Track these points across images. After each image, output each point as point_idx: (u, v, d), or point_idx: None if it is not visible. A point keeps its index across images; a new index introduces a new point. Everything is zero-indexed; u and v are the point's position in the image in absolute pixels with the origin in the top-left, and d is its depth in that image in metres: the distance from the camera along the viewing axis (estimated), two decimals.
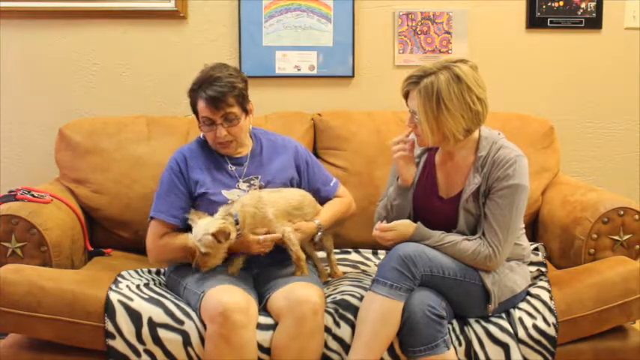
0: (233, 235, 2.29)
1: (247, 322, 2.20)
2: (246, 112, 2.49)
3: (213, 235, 2.24)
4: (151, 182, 2.81)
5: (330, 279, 2.57)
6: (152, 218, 2.49)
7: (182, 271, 2.43)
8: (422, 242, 2.30)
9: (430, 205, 2.41)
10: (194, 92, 2.46)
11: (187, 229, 2.37)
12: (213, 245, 2.26)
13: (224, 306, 2.17)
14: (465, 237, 2.31)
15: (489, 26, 3.27)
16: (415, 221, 2.42)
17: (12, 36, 3.16)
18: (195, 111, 2.49)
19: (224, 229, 2.25)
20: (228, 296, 2.21)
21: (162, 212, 2.47)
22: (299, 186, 2.57)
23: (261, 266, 2.47)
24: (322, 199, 2.59)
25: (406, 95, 2.33)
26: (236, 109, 2.44)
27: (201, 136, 2.56)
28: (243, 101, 2.46)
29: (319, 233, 2.47)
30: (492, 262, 2.28)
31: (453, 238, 2.30)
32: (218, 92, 2.39)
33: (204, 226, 2.26)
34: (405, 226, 2.33)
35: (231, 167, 2.51)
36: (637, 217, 2.55)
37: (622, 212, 2.55)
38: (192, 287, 2.33)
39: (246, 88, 2.49)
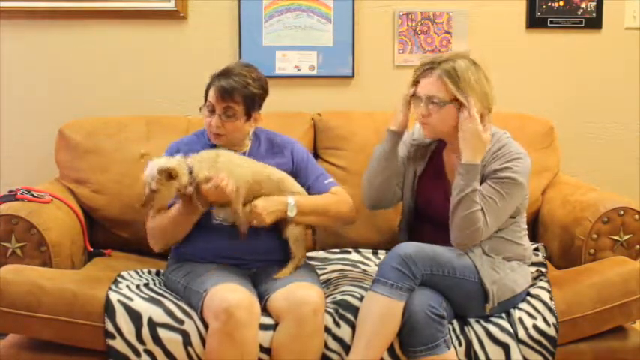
0: (184, 179, 2.28)
1: (251, 320, 2.20)
2: (249, 116, 2.47)
3: (159, 171, 2.24)
4: None
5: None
6: None
7: (181, 271, 2.43)
8: (464, 177, 2.27)
9: (435, 199, 2.43)
10: (213, 78, 2.49)
11: None
12: (161, 183, 2.26)
13: (228, 303, 2.17)
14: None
15: (489, 26, 3.27)
16: (419, 215, 2.43)
17: (12, 36, 3.16)
18: (205, 96, 2.51)
19: (172, 168, 2.25)
20: (232, 294, 2.21)
21: None
22: None
23: (260, 266, 2.48)
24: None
25: (417, 82, 2.36)
26: (239, 108, 2.43)
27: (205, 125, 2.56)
28: (250, 104, 2.45)
29: (291, 203, 2.39)
30: (474, 241, 2.29)
31: (478, 199, 2.27)
32: (230, 85, 2.42)
33: (157, 163, 2.28)
34: (480, 155, 2.29)
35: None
36: (637, 217, 2.55)
37: (622, 212, 2.55)
38: (194, 286, 2.33)
39: (261, 97, 2.50)
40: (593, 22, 3.29)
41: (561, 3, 3.26)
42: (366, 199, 2.52)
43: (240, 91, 2.42)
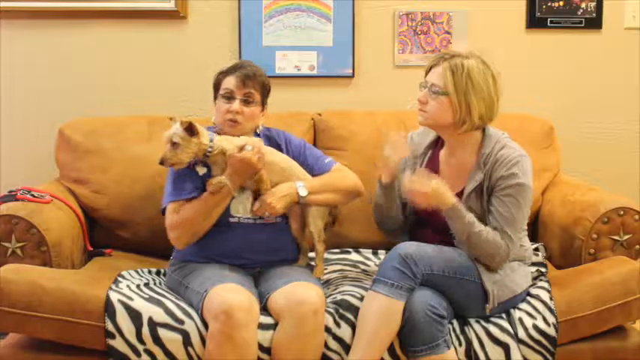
0: (204, 139, 2.35)
1: (250, 321, 2.20)
2: (263, 105, 2.56)
3: (182, 122, 2.32)
4: (151, 182, 2.82)
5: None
6: (165, 208, 2.47)
7: (183, 271, 2.44)
8: (455, 220, 2.28)
9: None
10: (224, 73, 2.55)
11: None
12: (183, 137, 2.32)
13: (228, 304, 2.17)
14: (486, 227, 2.29)
15: (489, 26, 3.27)
16: (418, 219, 2.43)
17: (12, 36, 3.16)
18: (216, 89, 2.56)
19: (195, 124, 2.34)
20: (231, 295, 2.21)
21: (174, 195, 2.45)
22: None
23: (264, 265, 2.48)
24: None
25: (428, 70, 2.38)
26: (257, 95, 2.52)
27: (212, 120, 2.58)
28: (264, 93, 2.56)
29: (300, 187, 2.43)
30: (503, 260, 2.30)
31: (479, 226, 2.28)
32: (252, 72, 2.52)
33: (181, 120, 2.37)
34: (448, 196, 2.28)
35: None
36: (637, 217, 2.55)
37: (622, 212, 2.55)
38: (195, 286, 2.33)
39: (269, 91, 2.60)
40: (593, 22, 3.28)
41: (561, 3, 3.26)
42: (380, 227, 2.58)
43: (258, 79, 2.52)
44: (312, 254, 2.63)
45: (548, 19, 3.27)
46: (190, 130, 2.33)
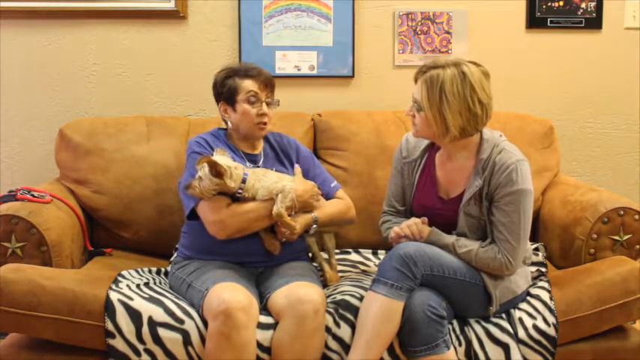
0: (229, 183, 2.34)
1: (249, 322, 2.20)
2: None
3: (208, 163, 2.30)
4: (151, 182, 2.82)
5: (329, 284, 2.55)
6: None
7: (187, 269, 2.43)
8: (438, 245, 2.31)
9: (430, 206, 2.41)
10: (238, 76, 2.52)
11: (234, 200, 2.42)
12: (206, 175, 2.32)
13: (227, 304, 2.17)
14: (479, 244, 2.30)
15: (489, 26, 3.27)
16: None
17: (12, 36, 3.16)
18: (231, 93, 2.51)
19: (220, 166, 2.32)
20: (230, 294, 2.21)
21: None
22: None
23: (267, 266, 2.48)
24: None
25: (415, 82, 2.36)
26: (273, 96, 2.56)
27: (224, 123, 2.60)
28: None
29: (314, 225, 2.47)
30: (509, 270, 2.30)
31: (468, 246, 2.30)
32: (270, 75, 2.56)
33: (217, 155, 2.38)
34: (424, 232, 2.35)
35: (248, 165, 2.53)
36: (637, 217, 2.55)
37: (622, 212, 2.55)
38: (197, 284, 2.33)
39: None
40: (593, 22, 3.29)
41: (561, 3, 3.27)
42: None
43: (273, 81, 2.56)
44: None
45: (548, 19, 3.28)
46: (213, 171, 2.32)
